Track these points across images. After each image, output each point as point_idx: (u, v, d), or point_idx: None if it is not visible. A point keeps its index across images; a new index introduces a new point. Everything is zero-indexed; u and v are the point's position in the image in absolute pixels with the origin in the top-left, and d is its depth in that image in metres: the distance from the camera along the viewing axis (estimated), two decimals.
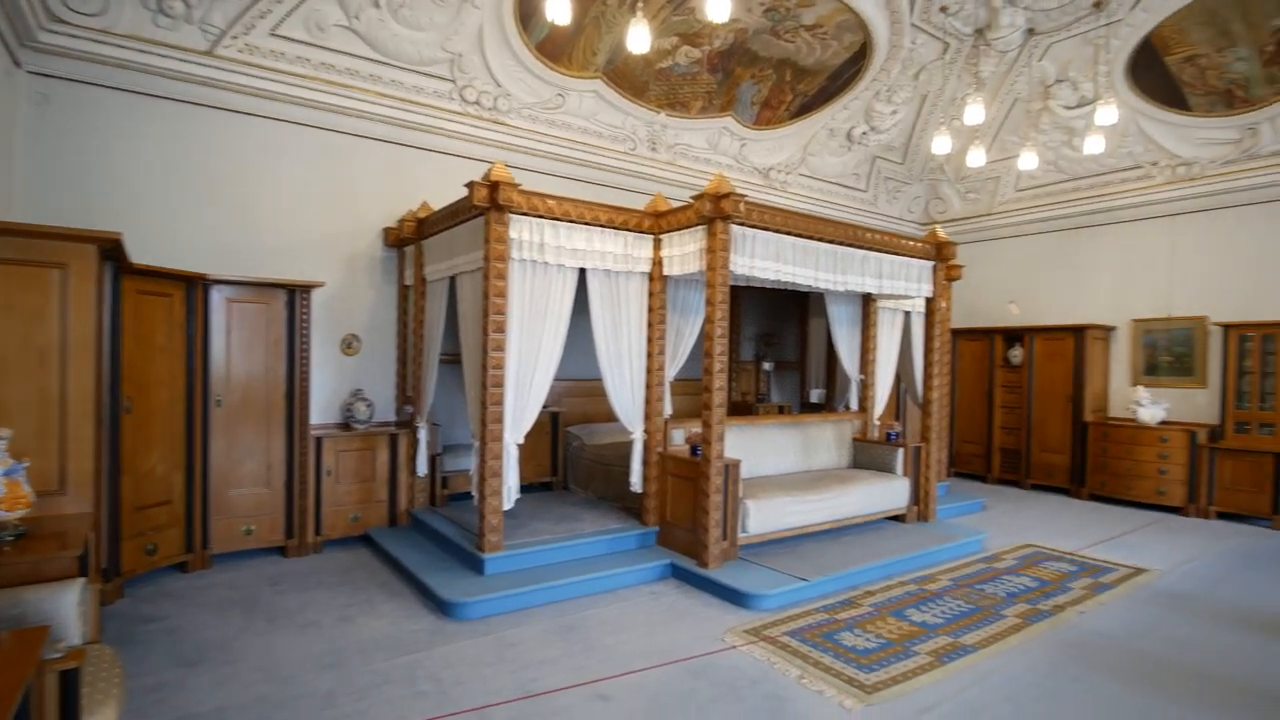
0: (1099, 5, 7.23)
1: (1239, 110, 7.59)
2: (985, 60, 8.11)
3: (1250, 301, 7.83)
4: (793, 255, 5.49)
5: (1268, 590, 5.31)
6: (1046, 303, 9.61)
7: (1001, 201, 9.91)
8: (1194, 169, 8.14)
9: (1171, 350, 8.47)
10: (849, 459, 7.12)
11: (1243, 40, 7.05)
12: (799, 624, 4.44)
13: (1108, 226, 9.04)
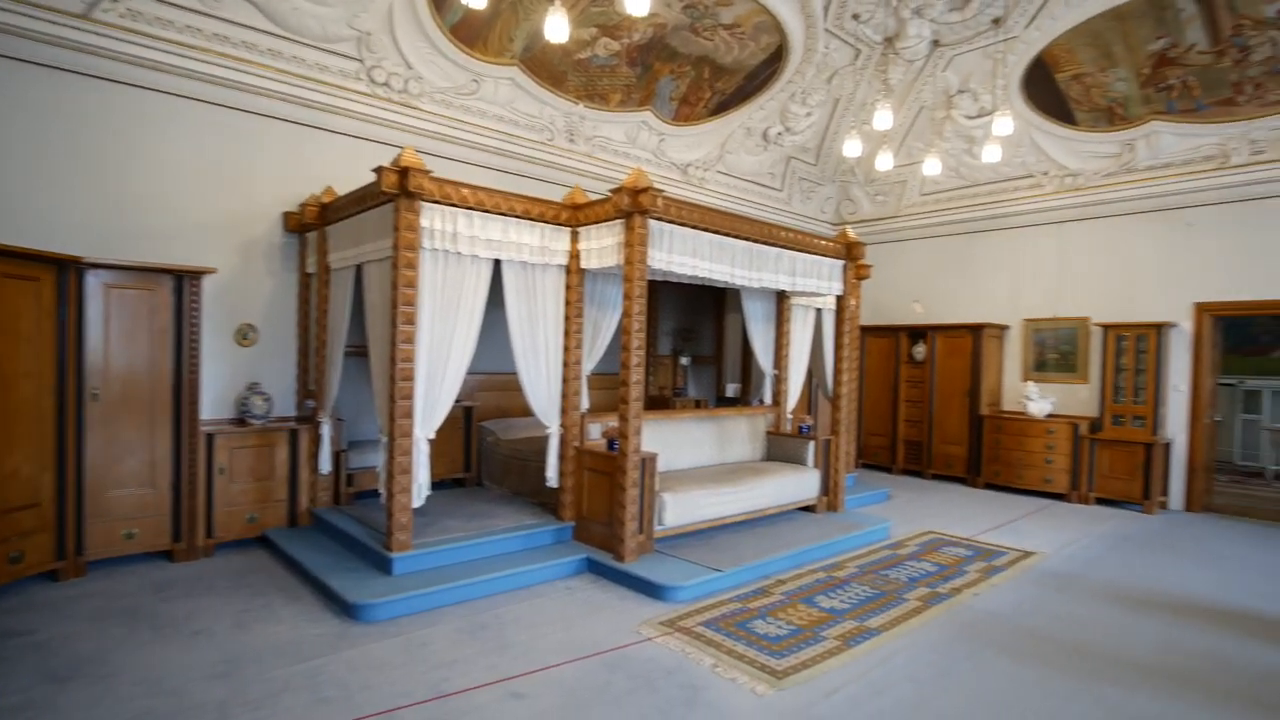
0: (998, 22, 7.64)
1: (1118, 127, 8.17)
2: (894, 68, 8.43)
3: (1126, 304, 8.46)
4: (710, 251, 5.53)
5: (1138, 568, 5.75)
6: (948, 302, 10.10)
7: (908, 204, 10.35)
8: (1079, 180, 8.73)
9: (1058, 348, 9.06)
10: (763, 452, 7.27)
11: (1123, 62, 7.59)
12: (714, 614, 4.49)
13: (1003, 231, 9.58)
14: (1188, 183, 7.95)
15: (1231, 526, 7.39)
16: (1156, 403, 8.01)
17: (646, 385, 9.30)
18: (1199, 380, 8.01)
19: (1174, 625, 4.53)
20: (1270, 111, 7.24)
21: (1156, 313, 8.21)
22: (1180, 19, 6.94)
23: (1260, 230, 7.58)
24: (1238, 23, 6.76)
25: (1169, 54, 7.30)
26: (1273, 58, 6.87)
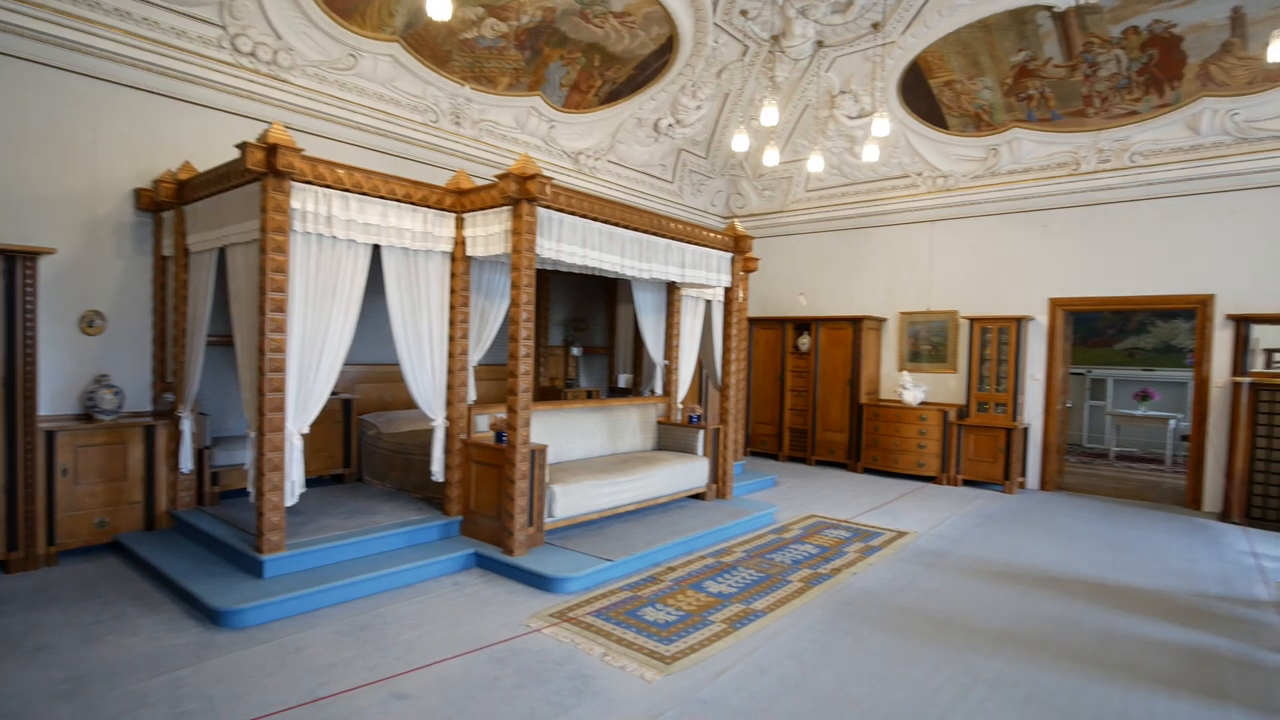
0: (877, 26, 7.99)
1: (985, 132, 8.76)
2: (780, 66, 8.66)
3: (991, 299, 9.10)
4: (600, 241, 5.49)
5: (999, 544, 6.20)
6: (830, 295, 10.53)
7: (793, 200, 10.69)
8: (950, 181, 9.29)
9: (931, 340, 9.64)
10: (654, 441, 7.32)
11: (989, 71, 8.12)
12: (604, 603, 4.47)
13: (882, 228, 10.07)
14: (1044, 187, 8.62)
15: (1080, 503, 8.10)
16: (1016, 391, 8.66)
17: (537, 376, 9.18)
18: (1053, 370, 8.72)
19: (1029, 595, 4.90)
20: (1115, 124, 7.94)
21: (1017, 307, 8.87)
22: (1039, 34, 7.49)
23: (1105, 232, 8.32)
24: (1088, 40, 7.38)
25: (1029, 66, 7.87)
26: (1117, 74, 7.55)
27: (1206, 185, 7.66)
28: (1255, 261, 7.40)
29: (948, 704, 3.34)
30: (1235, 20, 6.69)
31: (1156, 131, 7.75)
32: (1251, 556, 5.99)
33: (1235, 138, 7.37)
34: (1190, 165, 7.68)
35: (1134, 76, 7.49)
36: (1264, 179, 7.34)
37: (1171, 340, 12.09)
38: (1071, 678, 3.65)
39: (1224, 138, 7.43)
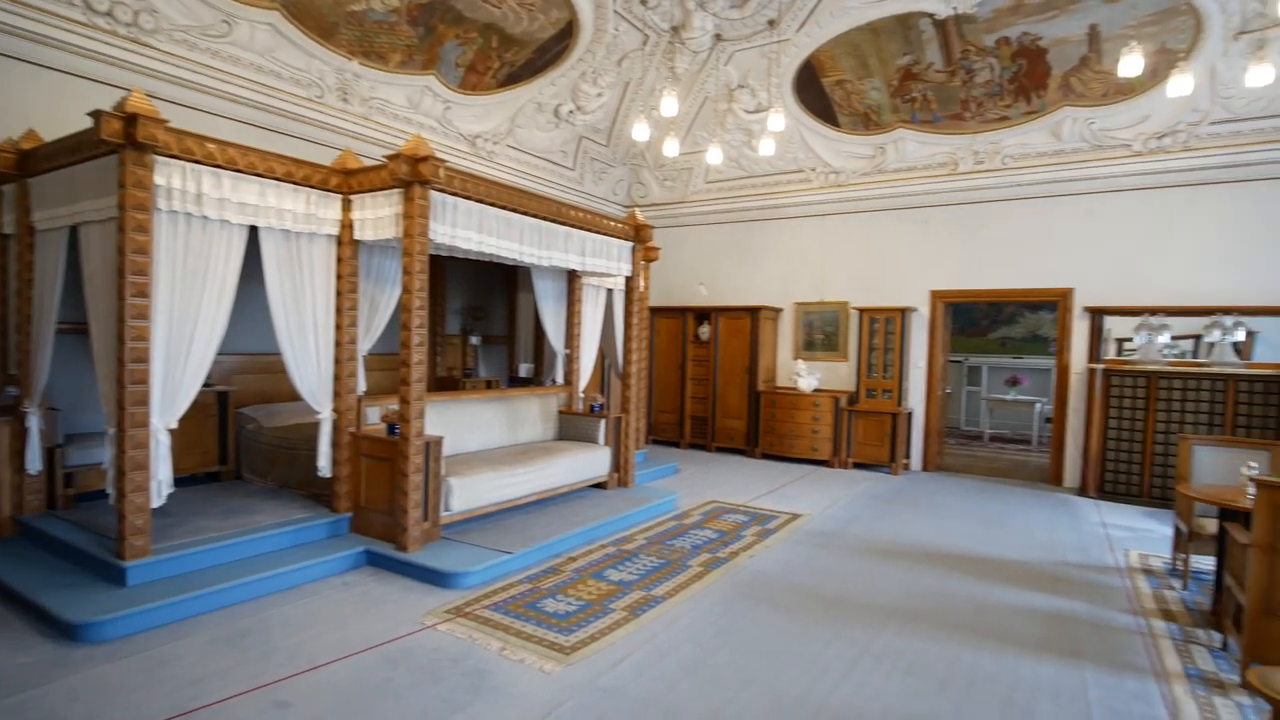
0: (773, 24, 8.17)
1: (873, 131, 9.14)
2: (680, 57, 8.72)
3: (878, 290, 9.53)
4: (496, 227, 5.35)
5: (885, 523, 6.53)
6: (730, 285, 10.75)
7: (694, 191, 10.83)
8: (841, 177, 9.65)
9: (824, 329, 10.01)
10: (555, 431, 7.25)
11: (876, 73, 8.48)
12: (503, 597, 4.39)
13: (778, 221, 10.35)
14: (926, 185, 9.10)
15: (958, 482, 8.65)
16: (901, 378, 9.13)
17: (433, 366, 8.90)
18: (934, 358, 9.25)
19: (912, 570, 5.18)
20: (989, 128, 8.47)
21: (902, 298, 9.34)
22: (922, 39, 7.88)
23: (980, 229, 8.88)
24: (965, 48, 7.82)
25: (913, 69, 8.27)
26: (991, 81, 8.04)
27: (1067, 188, 8.31)
28: (1108, 259, 8.10)
29: (837, 677, 3.48)
30: (1092, 36, 7.27)
31: (1025, 136, 8.32)
32: (1102, 527, 6.58)
33: (1092, 145, 8.02)
34: (1054, 169, 8.30)
35: (1005, 84, 8.01)
36: (1116, 183, 8.03)
37: (1038, 330, 13.09)
38: (949, 646, 3.88)
39: (1082, 144, 8.07)
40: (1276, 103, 7.01)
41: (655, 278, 10.90)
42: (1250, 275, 7.37)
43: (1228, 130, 7.36)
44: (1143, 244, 7.93)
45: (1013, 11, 7.28)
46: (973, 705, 3.26)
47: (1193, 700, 3.33)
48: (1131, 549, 5.85)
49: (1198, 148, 7.53)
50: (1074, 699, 3.34)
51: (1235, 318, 7.36)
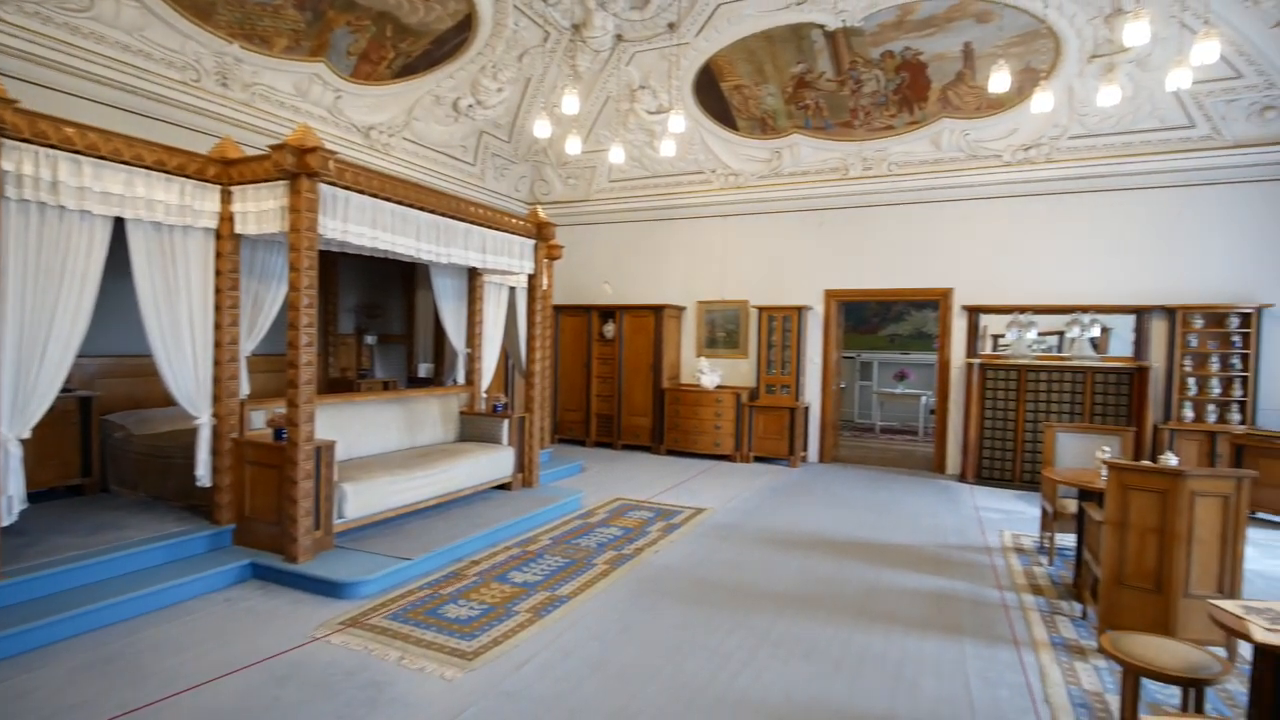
0: (672, 27, 8.28)
1: (769, 136, 9.43)
2: (582, 56, 8.70)
3: (776, 289, 9.85)
4: (391, 223, 5.17)
5: (783, 514, 6.75)
6: (634, 284, 10.83)
7: (597, 189, 10.83)
8: (740, 179, 9.90)
9: (725, 327, 10.24)
10: (457, 433, 7.08)
11: (772, 79, 8.74)
12: (401, 605, 4.25)
13: (681, 220, 10.51)
14: (820, 189, 9.47)
15: (851, 472, 9.06)
16: (798, 373, 9.47)
17: (325, 367, 8.53)
18: (828, 354, 9.64)
19: (808, 558, 5.38)
20: (876, 136, 8.91)
21: (798, 297, 9.68)
22: (814, 49, 8.19)
23: (870, 232, 9.33)
24: (853, 60, 8.19)
25: (806, 78, 8.58)
26: (877, 92, 8.46)
27: (947, 194, 8.85)
28: (983, 261, 8.69)
29: (738, 665, 3.57)
30: (966, 53, 7.78)
31: (908, 145, 8.81)
32: (980, 510, 7.05)
33: (968, 154, 8.59)
34: (934, 176, 8.83)
35: (890, 95, 8.45)
36: (989, 191, 8.63)
37: (923, 328, 13.89)
38: (842, 629, 4.06)
39: (959, 154, 8.63)
40: (1124, 121, 7.73)
41: (560, 276, 10.84)
42: (1104, 277, 8.09)
43: (1084, 144, 8.05)
44: (1013, 247, 8.56)
45: (896, 27, 7.69)
46: (864, 684, 3.42)
47: (1057, 666, 3.62)
48: (1005, 530, 6.30)
49: (1059, 160, 8.20)
50: (954, 672, 3.57)
51: (1092, 315, 8.06)
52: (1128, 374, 7.74)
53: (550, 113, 8.68)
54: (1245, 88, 7.13)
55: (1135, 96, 7.49)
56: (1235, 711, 3.22)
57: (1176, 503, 3.53)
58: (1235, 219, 7.61)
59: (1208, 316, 7.56)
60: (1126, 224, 8.03)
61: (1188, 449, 7.45)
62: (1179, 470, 3.55)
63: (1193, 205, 7.77)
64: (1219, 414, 7.53)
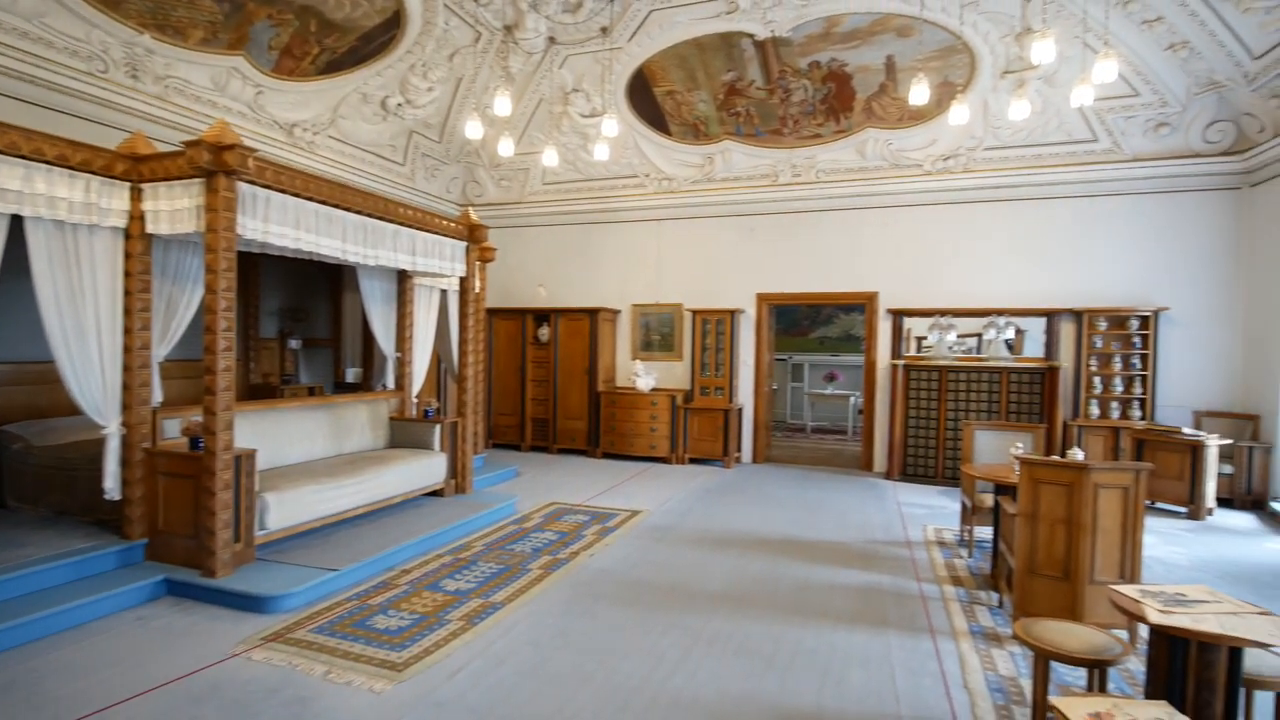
0: (605, 31, 8.30)
1: (702, 142, 9.56)
2: (514, 57, 8.63)
3: (710, 292, 9.98)
4: (316, 224, 5.01)
5: (717, 514, 6.84)
6: (569, 287, 10.79)
7: (531, 192, 10.76)
8: (674, 184, 10.00)
9: (660, 330, 10.32)
10: (387, 439, 6.91)
11: (704, 86, 8.87)
12: (328, 618, 4.12)
13: (615, 224, 10.54)
14: (752, 194, 9.65)
15: (783, 472, 9.25)
16: (732, 375, 9.62)
17: (246, 372, 8.21)
18: (760, 356, 9.83)
19: (742, 557, 5.47)
20: (804, 144, 9.14)
21: (731, 301, 9.84)
22: (744, 58, 8.35)
23: (799, 237, 9.56)
24: (782, 69, 8.39)
25: (737, 85, 8.74)
26: (805, 101, 8.68)
27: (872, 201, 9.16)
28: (906, 266, 9.03)
29: (672, 665, 3.61)
30: (889, 66, 8.07)
31: (835, 153, 9.08)
32: (904, 506, 7.31)
33: (891, 163, 8.91)
34: (860, 183, 9.12)
35: (818, 105, 8.69)
36: (911, 199, 8.97)
37: (852, 330, 14.30)
38: (774, 626, 4.14)
39: (883, 162, 8.94)
40: (1034, 134, 8.16)
41: (493, 279, 10.72)
42: (1018, 281, 8.52)
43: (998, 155, 8.46)
44: (934, 253, 8.92)
45: (822, 39, 7.91)
46: (795, 679, 3.50)
47: (975, 654, 3.79)
48: (928, 524, 6.55)
49: (975, 170, 8.60)
50: (881, 663, 3.69)
51: (1007, 318, 8.47)
52: (1040, 374, 8.16)
53: (482, 114, 8.58)
54: (1142, 105, 7.64)
55: (1044, 111, 7.92)
56: (1135, 689, 3.44)
57: (1082, 495, 3.74)
58: (1135, 228, 8.13)
59: (1111, 319, 8.05)
60: (1038, 231, 8.48)
61: (1094, 444, 7.92)
62: (1083, 464, 3.77)
63: (1097, 214, 8.26)
64: (1122, 410, 8.03)
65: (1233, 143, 7.59)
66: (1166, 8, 6.69)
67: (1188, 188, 7.93)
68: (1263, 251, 7.45)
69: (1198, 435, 6.85)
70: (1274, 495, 7.15)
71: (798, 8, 7.56)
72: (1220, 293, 7.86)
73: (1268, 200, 7.38)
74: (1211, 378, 7.90)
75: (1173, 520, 6.78)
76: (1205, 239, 7.91)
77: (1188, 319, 7.95)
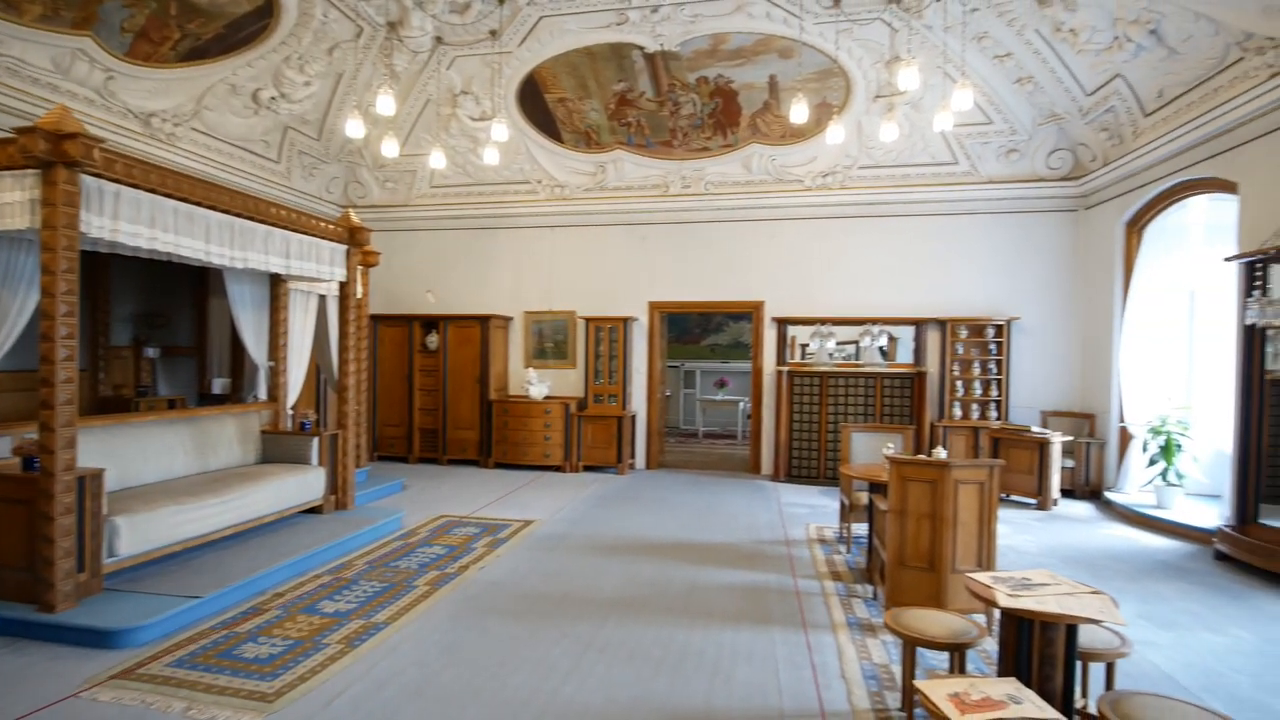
0: (494, 34, 8.18)
1: (594, 150, 9.60)
2: (399, 55, 8.36)
3: (602, 300, 10.02)
4: (175, 222, 4.64)
5: (611, 521, 6.86)
6: (459, 293, 10.53)
7: (418, 195, 10.44)
8: (566, 191, 9.98)
9: (553, 338, 10.25)
10: (258, 454, 6.48)
11: (595, 95, 8.92)
12: (189, 649, 3.81)
13: (507, 230, 10.39)
14: (643, 204, 9.78)
15: (676, 477, 9.39)
16: (625, 383, 9.68)
17: (94, 383, 7.50)
18: (653, 363, 9.95)
19: (634, 563, 5.50)
20: (694, 156, 9.37)
21: (624, 308, 9.92)
22: (635, 69, 8.46)
23: (690, 247, 9.77)
24: (672, 82, 8.56)
25: (628, 96, 8.85)
26: (694, 115, 8.90)
27: (757, 214, 9.50)
28: (790, 276, 9.42)
29: (563, 675, 3.57)
30: (772, 85, 8.42)
31: (723, 166, 9.36)
32: (789, 506, 7.60)
33: (775, 178, 9.28)
34: (746, 196, 9.44)
35: (706, 119, 8.93)
36: (794, 212, 9.37)
37: (741, 338, 14.75)
38: (664, 629, 4.19)
39: (767, 177, 9.30)
40: (903, 155, 8.74)
41: (379, 284, 10.31)
42: (891, 292, 9.07)
43: (871, 174, 8.99)
44: (816, 264, 9.36)
45: (709, 55, 8.15)
46: (684, 680, 3.56)
47: (852, 644, 3.99)
48: (810, 523, 6.84)
49: (851, 186, 9.09)
50: (765, 659, 3.81)
51: (881, 327, 9.00)
52: (909, 378, 8.71)
53: (364, 112, 8.24)
54: (995, 132, 8.34)
55: (911, 134, 8.50)
56: (992, 668, 3.72)
57: (944, 490, 4.02)
58: (990, 244, 8.86)
59: (971, 328, 8.72)
60: (907, 245, 9.07)
61: (957, 443, 8.53)
62: (944, 462, 4.05)
63: (958, 231, 8.94)
64: (981, 411, 8.70)
65: (1070, 169, 8.42)
66: (1015, 45, 7.34)
67: (1034, 209, 8.73)
68: (1094, 267, 8.30)
69: (1044, 433, 7.52)
70: (1108, 486, 7.95)
71: (686, 23, 7.75)
72: (1062, 304, 8.69)
73: (1099, 222, 8.24)
74: (1055, 381, 8.72)
75: (1024, 511, 7.40)
76: (1049, 255, 8.72)
77: (1036, 328, 8.73)
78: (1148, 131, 7.09)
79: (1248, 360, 5.59)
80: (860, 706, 3.30)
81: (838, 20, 7.50)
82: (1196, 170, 6.59)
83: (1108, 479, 7.99)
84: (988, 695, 2.33)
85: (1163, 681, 3.57)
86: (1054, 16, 6.73)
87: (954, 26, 7.17)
